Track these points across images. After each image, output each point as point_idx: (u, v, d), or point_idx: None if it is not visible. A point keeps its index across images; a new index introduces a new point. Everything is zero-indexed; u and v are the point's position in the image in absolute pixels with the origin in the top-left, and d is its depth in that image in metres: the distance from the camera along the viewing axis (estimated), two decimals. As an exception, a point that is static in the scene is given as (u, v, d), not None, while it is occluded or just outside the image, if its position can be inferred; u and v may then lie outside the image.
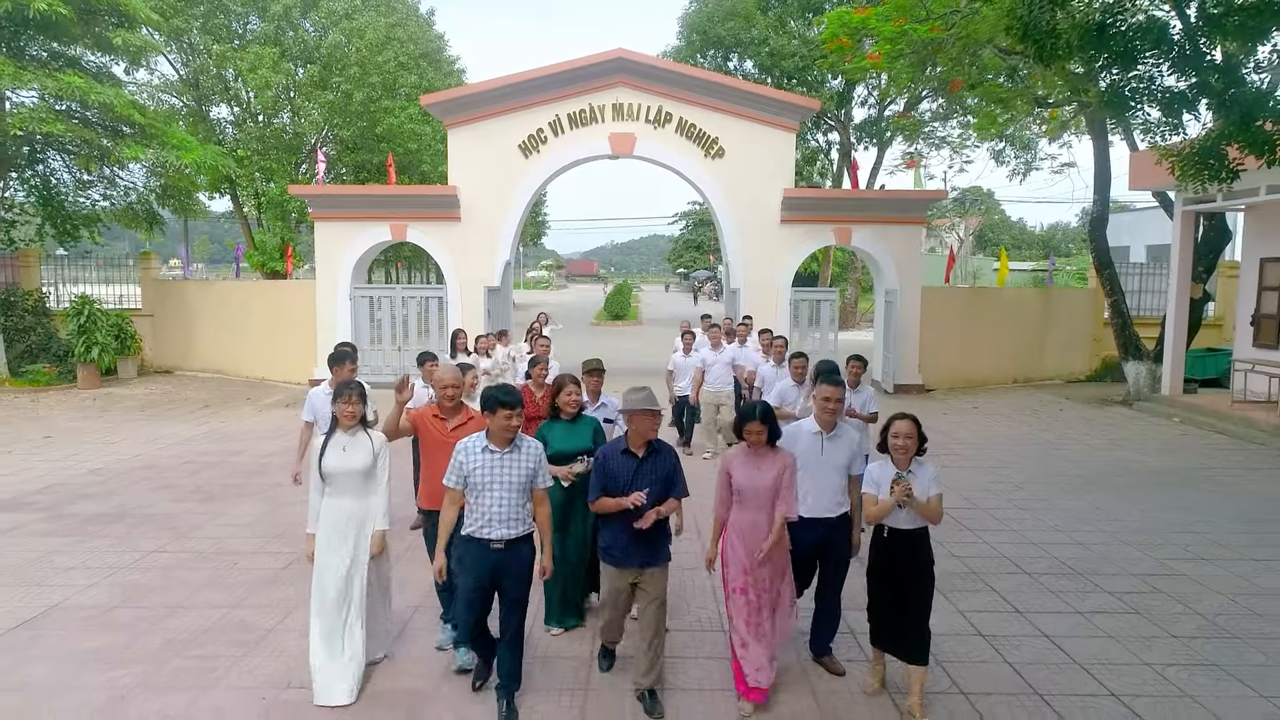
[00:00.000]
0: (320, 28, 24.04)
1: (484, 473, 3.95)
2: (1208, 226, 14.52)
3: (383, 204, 15.39)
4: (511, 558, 3.98)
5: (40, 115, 14.00)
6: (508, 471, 3.96)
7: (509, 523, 3.95)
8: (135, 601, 5.43)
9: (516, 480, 3.98)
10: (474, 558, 3.99)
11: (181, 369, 17.44)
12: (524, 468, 4.01)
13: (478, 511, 3.97)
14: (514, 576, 4.01)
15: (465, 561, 4.03)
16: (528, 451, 4.05)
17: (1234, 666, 4.65)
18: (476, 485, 3.96)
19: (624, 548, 4.19)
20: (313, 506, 4.36)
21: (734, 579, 4.23)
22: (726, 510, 4.26)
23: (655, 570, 4.25)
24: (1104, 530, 7.18)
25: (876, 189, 29.35)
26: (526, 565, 4.05)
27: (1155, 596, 5.66)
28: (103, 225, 18.17)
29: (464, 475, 3.98)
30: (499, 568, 3.97)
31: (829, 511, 4.50)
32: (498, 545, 3.93)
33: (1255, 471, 9.53)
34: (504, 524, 3.94)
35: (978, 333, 16.28)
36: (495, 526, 3.94)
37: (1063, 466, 9.67)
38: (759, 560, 4.11)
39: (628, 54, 14.80)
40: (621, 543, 4.19)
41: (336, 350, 6.09)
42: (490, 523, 3.93)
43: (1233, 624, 5.22)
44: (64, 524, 7.14)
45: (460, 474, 3.98)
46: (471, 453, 3.99)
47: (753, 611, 4.16)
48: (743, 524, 4.19)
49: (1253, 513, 7.77)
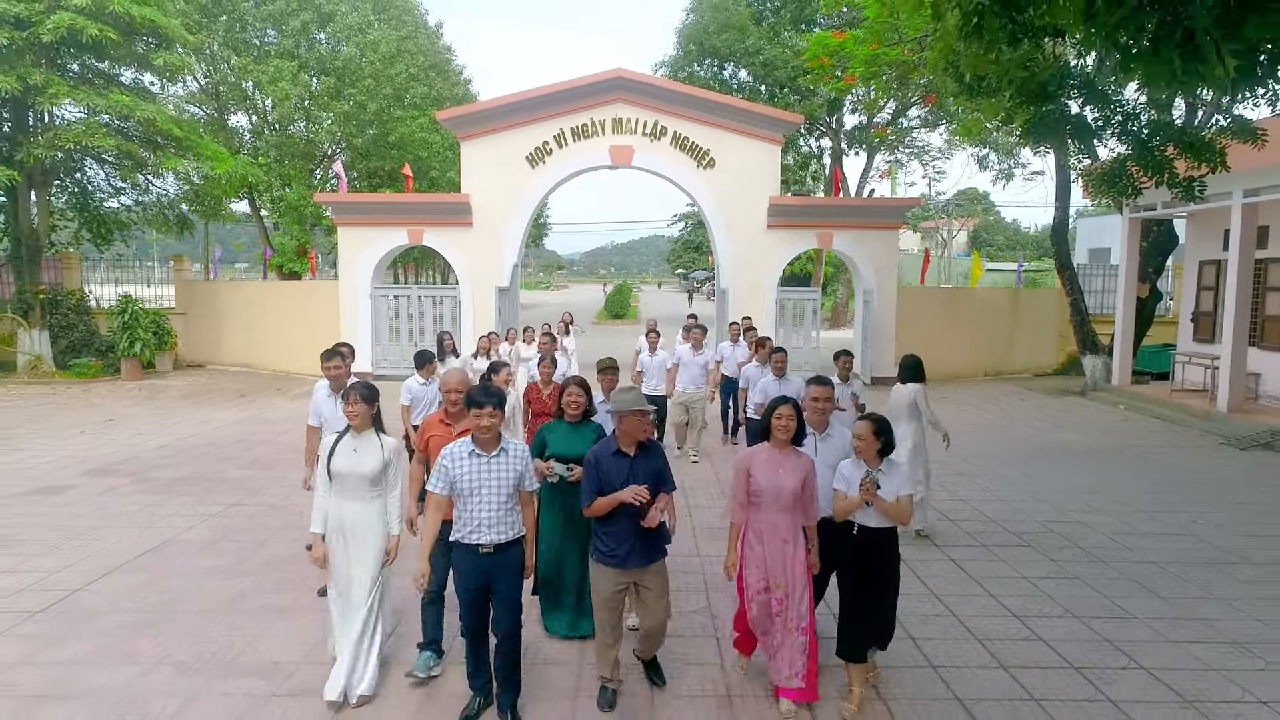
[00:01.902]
0: (334, 41, 25.39)
1: (471, 477, 3.90)
2: (1157, 231, 15.87)
3: (400, 210, 16.73)
4: (502, 561, 3.94)
5: (92, 130, 15.32)
6: (495, 475, 3.91)
7: (498, 527, 3.91)
8: (231, 538, 6.77)
9: (504, 484, 3.93)
10: (465, 564, 3.95)
11: (212, 363, 18.79)
12: (511, 471, 3.96)
13: (466, 517, 3.93)
14: (505, 580, 3.96)
15: (458, 568, 3.99)
16: (515, 455, 4.01)
17: (1091, 579, 6.01)
18: (464, 491, 3.90)
19: (630, 548, 4.12)
20: (318, 507, 4.28)
21: (755, 581, 4.18)
22: (744, 513, 4.20)
23: (658, 565, 4.25)
24: (1026, 491, 8.52)
25: (867, 193, 30.80)
26: (517, 568, 4.03)
27: (1048, 535, 7.01)
28: (136, 229, 19.58)
29: (450, 480, 3.91)
30: (490, 572, 3.94)
31: (825, 510, 4.37)
32: (487, 550, 3.90)
33: (1178, 449, 10.87)
34: (493, 529, 3.90)
35: (951, 329, 17.60)
36: (484, 531, 3.89)
37: (1008, 444, 11.01)
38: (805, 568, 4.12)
39: (626, 73, 16.12)
40: (628, 544, 4.11)
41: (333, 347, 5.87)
42: (480, 528, 3.89)
43: (1103, 554, 6.58)
44: (150, 486, 8.48)
45: (446, 479, 3.91)
46: (458, 458, 3.93)
47: (777, 612, 4.13)
48: (761, 525, 4.13)
49: (1161, 480, 9.11)
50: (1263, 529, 7.27)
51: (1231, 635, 5.10)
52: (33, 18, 14.51)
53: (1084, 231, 32.24)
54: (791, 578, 4.12)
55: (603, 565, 4.16)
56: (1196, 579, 6.04)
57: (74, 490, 8.28)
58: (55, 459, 9.64)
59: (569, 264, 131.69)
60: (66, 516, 7.36)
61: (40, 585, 5.74)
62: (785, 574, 4.11)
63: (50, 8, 14.60)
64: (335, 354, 5.68)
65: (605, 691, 4.28)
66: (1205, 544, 6.85)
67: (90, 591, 5.64)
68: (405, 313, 17.07)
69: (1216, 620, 5.32)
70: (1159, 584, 5.94)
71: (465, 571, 3.95)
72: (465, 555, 3.94)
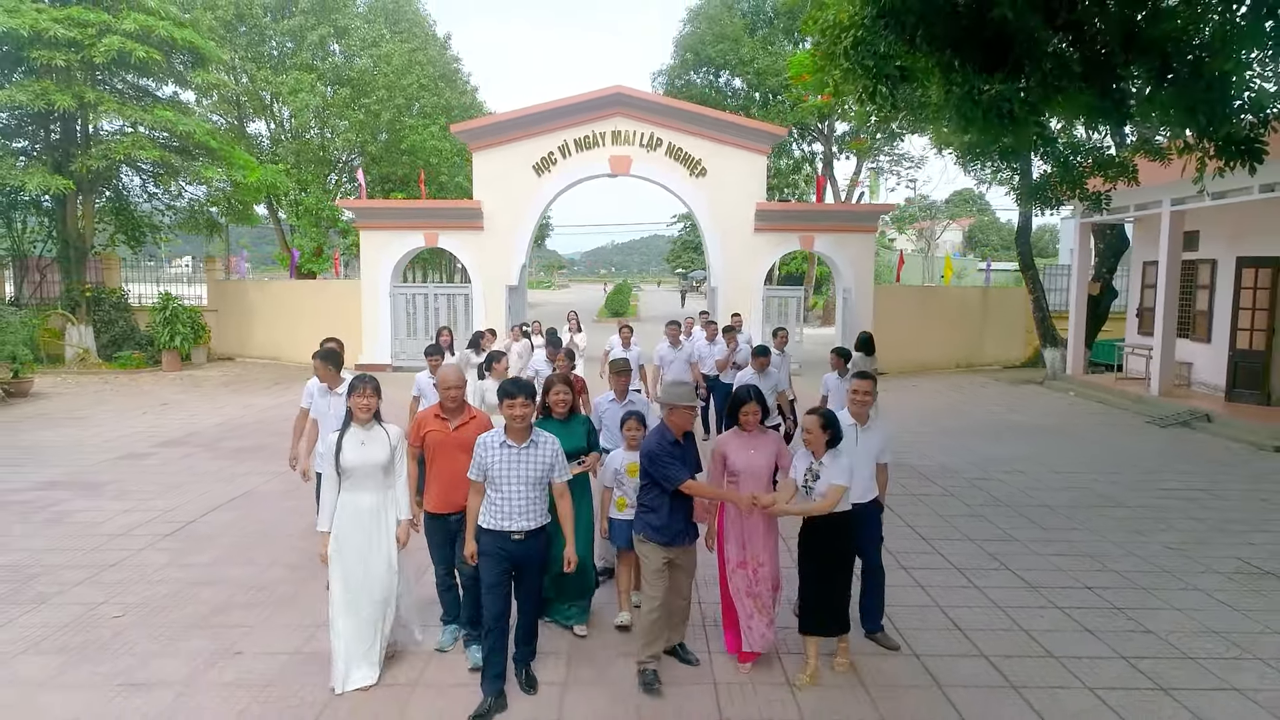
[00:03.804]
0: (350, 53, 26.91)
1: (501, 467, 4.08)
2: (1111, 235, 17.39)
3: (418, 215, 18.26)
4: (530, 548, 4.15)
5: (139, 142, 16.85)
6: (524, 466, 4.10)
7: (527, 515, 4.11)
8: (304, 491, 8.23)
9: (533, 475, 4.11)
10: (494, 549, 4.12)
11: (242, 356, 20.32)
12: (540, 463, 4.14)
13: (497, 504, 4.11)
14: (532, 566, 4.19)
15: (487, 552, 4.16)
16: (544, 447, 4.18)
17: (992, 516, 7.55)
18: (495, 479, 4.10)
19: (680, 528, 4.42)
20: (326, 504, 4.35)
21: (734, 555, 4.53)
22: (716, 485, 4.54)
23: (691, 545, 4.56)
24: (960, 456, 10.03)
25: (856, 197, 32.33)
26: (543, 554, 4.25)
27: (970, 489, 8.53)
28: (170, 231, 21.13)
29: (484, 469, 4.12)
30: (517, 558, 4.14)
31: (860, 498, 4.67)
32: (518, 536, 4.10)
33: (1109, 428, 12.37)
34: (523, 517, 4.10)
35: (925, 325, 19.09)
36: (515, 519, 4.09)
37: (958, 422, 12.53)
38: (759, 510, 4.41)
39: (625, 90, 17.64)
40: (677, 524, 4.41)
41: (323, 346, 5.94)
42: (510, 515, 4.08)
43: (1009, 500, 8.10)
44: (220, 453, 10.00)
45: (480, 467, 4.13)
46: (490, 448, 4.12)
47: (753, 584, 4.50)
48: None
49: (1083, 451, 10.61)
50: (1148, 485, 8.79)
51: (1086, 551, 6.62)
52: (85, 41, 16.01)
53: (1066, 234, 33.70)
54: (766, 552, 4.53)
55: (653, 542, 4.42)
56: (1075, 517, 7.57)
57: (155, 457, 9.80)
58: (129, 434, 11.16)
59: (570, 264, 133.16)
60: (159, 475, 8.89)
61: (161, 519, 7.27)
62: (762, 548, 4.52)
63: (101, 32, 16.11)
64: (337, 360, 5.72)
65: (647, 673, 4.37)
66: (1094, 494, 8.37)
67: (202, 523, 7.18)
68: (422, 309, 18.59)
69: (1079, 542, 6.85)
70: (1044, 519, 7.48)
71: (494, 556, 4.11)
72: (494, 541, 4.12)
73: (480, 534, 4.16)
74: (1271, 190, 11.06)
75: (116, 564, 6.17)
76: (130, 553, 6.42)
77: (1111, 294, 17.88)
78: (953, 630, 5.14)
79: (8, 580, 5.83)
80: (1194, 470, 9.48)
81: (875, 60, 4.92)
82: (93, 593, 5.61)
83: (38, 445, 10.38)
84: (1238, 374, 12.93)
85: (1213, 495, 8.38)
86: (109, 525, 7.11)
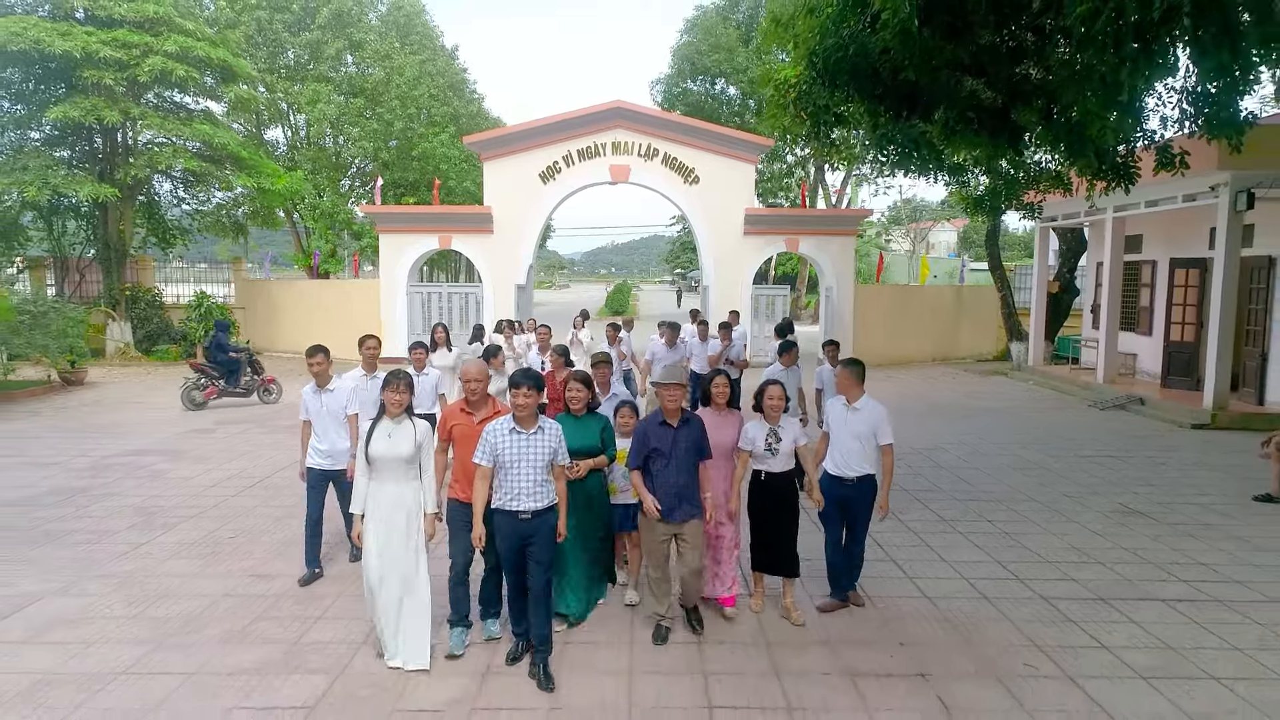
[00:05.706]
0: (364, 65, 28.44)
1: (511, 452, 4.40)
2: (1071, 237, 18.91)
3: (433, 220, 19.79)
4: (539, 525, 4.47)
5: (179, 153, 18.38)
6: (532, 450, 4.42)
7: (535, 496, 4.43)
8: (350, 455, 9.78)
9: (540, 458, 4.44)
10: (506, 528, 4.48)
11: (268, 350, 21.80)
12: (546, 447, 4.47)
13: (507, 486, 4.43)
14: (541, 542, 4.49)
15: (500, 532, 4.51)
16: (550, 433, 4.52)
17: (931, 475, 9.07)
18: (504, 464, 4.42)
19: (671, 504, 4.78)
20: (359, 489, 4.63)
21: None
22: None
23: (696, 521, 4.89)
24: (915, 432, 11.53)
25: (845, 202, 33.90)
26: (551, 531, 4.54)
27: (916, 455, 10.04)
28: (198, 234, 22.67)
29: (494, 453, 4.42)
30: (527, 535, 4.47)
31: (848, 472, 5.23)
32: (525, 516, 4.42)
33: (1055, 410, 13.88)
34: (530, 497, 4.42)
35: (903, 321, 20.61)
36: (523, 500, 4.41)
37: (918, 405, 14.05)
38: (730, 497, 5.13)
39: (624, 104, 19.16)
40: (668, 501, 4.78)
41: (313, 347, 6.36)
42: (518, 496, 4.41)
43: (948, 465, 9.62)
44: (273, 430, 11.51)
45: (490, 453, 4.43)
46: (500, 434, 4.44)
47: (716, 537, 5.22)
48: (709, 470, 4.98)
49: (1024, 429, 12.12)
50: (1068, 452, 10.31)
51: (998, 498, 8.15)
52: (131, 61, 17.52)
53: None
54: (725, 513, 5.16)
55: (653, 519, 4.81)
56: (998, 476, 9.10)
57: (216, 433, 11.32)
58: (187, 415, 12.67)
59: (570, 264, 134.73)
60: (227, 445, 10.41)
61: (238, 476, 8.80)
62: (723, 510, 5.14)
63: (144, 53, 17.62)
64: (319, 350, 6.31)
65: (660, 629, 4.95)
66: (1021, 460, 9.91)
67: (276, 478, 8.71)
68: (437, 307, 20.10)
69: (995, 491, 8.39)
70: (972, 478, 9.01)
71: (506, 535, 4.49)
72: (506, 520, 4.47)
73: (492, 515, 4.51)
74: (1193, 200, 12.58)
75: (216, 505, 7.71)
76: (225, 497, 7.96)
77: (1073, 292, 19.39)
78: (886, 562, 6.66)
79: (138, 515, 7.37)
80: (1113, 442, 11.01)
81: (815, 109, 6.40)
82: (207, 523, 7.16)
83: (115, 424, 11.89)
84: (1171, 363, 14.46)
85: (1120, 460, 9.91)
86: (200, 480, 8.64)
